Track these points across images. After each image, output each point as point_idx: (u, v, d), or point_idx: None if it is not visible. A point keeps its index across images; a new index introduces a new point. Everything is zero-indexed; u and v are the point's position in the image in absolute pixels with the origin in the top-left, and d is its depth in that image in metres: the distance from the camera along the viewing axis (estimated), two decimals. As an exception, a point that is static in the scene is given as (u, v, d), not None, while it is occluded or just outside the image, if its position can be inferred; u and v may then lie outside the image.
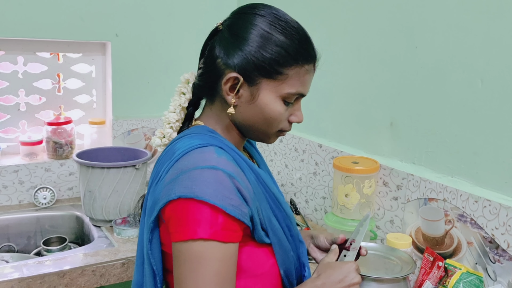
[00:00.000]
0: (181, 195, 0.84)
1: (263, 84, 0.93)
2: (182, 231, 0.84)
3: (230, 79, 0.93)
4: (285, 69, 0.92)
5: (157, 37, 2.29)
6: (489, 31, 1.30)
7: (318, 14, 1.90)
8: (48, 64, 2.19)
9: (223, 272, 0.85)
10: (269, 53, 0.91)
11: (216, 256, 0.84)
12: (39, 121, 2.22)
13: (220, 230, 0.84)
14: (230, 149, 0.94)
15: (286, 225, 0.99)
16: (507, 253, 1.26)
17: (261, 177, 0.96)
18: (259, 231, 0.91)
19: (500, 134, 1.29)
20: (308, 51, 0.95)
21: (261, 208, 0.92)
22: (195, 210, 0.83)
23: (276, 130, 0.98)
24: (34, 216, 2.03)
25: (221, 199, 0.83)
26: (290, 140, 2.06)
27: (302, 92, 0.96)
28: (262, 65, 0.91)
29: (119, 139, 2.29)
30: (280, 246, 0.96)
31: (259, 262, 0.94)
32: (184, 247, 0.85)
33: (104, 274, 1.61)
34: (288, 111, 0.97)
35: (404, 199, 1.55)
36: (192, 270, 0.83)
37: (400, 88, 1.58)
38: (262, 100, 0.94)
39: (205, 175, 0.85)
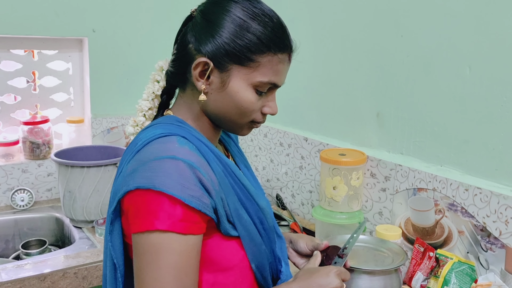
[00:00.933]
0: (139, 186, 0.82)
1: (234, 71, 0.90)
2: (140, 222, 0.82)
3: (199, 64, 0.91)
4: (257, 56, 0.89)
5: (136, 32, 2.24)
6: (476, 17, 1.29)
7: (303, 5, 1.87)
8: (22, 61, 2.12)
9: (182, 265, 0.82)
10: (241, 39, 0.89)
11: (174, 248, 0.81)
12: (15, 121, 2.15)
13: (178, 221, 0.81)
14: (196, 139, 0.91)
15: (258, 218, 0.96)
16: (499, 241, 1.24)
17: (230, 168, 0.93)
18: (225, 223, 0.89)
19: (490, 121, 1.28)
20: (282, 40, 0.92)
21: (228, 200, 0.89)
22: (153, 201, 0.81)
23: (248, 120, 0.95)
24: (12, 219, 1.97)
25: (180, 190, 0.81)
26: (275, 135, 2.03)
27: (275, 81, 0.92)
28: (233, 51, 0.89)
29: (99, 137, 2.23)
30: (250, 240, 0.93)
31: (227, 255, 0.91)
32: (142, 239, 0.83)
33: (86, 276, 1.56)
34: (261, 101, 0.94)
35: (393, 190, 1.53)
36: (150, 262, 0.82)
37: (386, 78, 1.56)
38: (233, 87, 0.91)
39: (164, 166, 0.82)
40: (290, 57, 0.95)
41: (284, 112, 2.01)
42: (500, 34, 1.24)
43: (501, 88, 1.25)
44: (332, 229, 1.57)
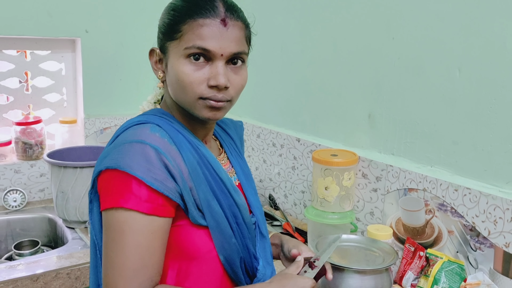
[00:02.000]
0: (108, 166, 0.87)
1: (169, 49, 0.95)
2: (107, 200, 0.87)
3: (151, 53, 1.00)
4: (179, 26, 0.93)
5: (129, 33, 2.25)
6: (465, 21, 1.31)
7: (295, 7, 1.88)
8: (15, 62, 2.12)
9: (145, 244, 0.86)
10: (167, 17, 0.96)
11: (138, 227, 0.86)
12: (7, 121, 2.15)
13: (143, 201, 0.86)
14: (172, 129, 0.95)
15: (231, 212, 0.98)
16: (488, 241, 1.26)
17: (207, 160, 0.96)
18: (193, 210, 0.92)
19: (479, 122, 1.30)
20: (200, 5, 0.93)
21: (197, 189, 0.92)
22: (120, 180, 0.86)
23: (194, 96, 0.92)
24: (4, 220, 1.97)
25: (144, 172, 0.85)
26: (268, 135, 2.04)
27: (200, 45, 0.90)
28: (163, 30, 0.97)
29: (92, 138, 2.23)
30: (219, 231, 0.95)
31: (196, 244, 0.94)
32: (109, 216, 0.87)
33: (79, 277, 1.56)
34: (203, 73, 0.92)
35: (384, 190, 1.54)
36: (115, 239, 0.86)
37: (378, 80, 1.57)
38: (171, 64, 0.94)
39: (132, 149, 0.87)
40: (227, 24, 0.92)
41: (277, 113, 2.03)
42: (489, 37, 1.26)
43: (490, 90, 1.26)
44: (324, 229, 1.59)
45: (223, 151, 1.11)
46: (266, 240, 1.08)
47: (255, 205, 1.08)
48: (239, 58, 0.95)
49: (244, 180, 1.09)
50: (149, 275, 0.86)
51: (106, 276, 0.86)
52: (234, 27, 0.93)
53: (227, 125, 1.18)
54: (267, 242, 1.09)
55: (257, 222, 1.07)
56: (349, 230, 1.59)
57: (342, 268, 1.25)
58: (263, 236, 1.07)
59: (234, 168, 1.10)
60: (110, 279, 0.85)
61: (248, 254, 1.02)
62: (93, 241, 0.97)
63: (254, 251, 1.03)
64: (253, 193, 1.11)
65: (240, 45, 0.94)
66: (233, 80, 0.94)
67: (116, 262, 0.85)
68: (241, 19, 0.95)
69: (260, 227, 1.07)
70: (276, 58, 2.00)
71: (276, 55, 1.99)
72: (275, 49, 1.99)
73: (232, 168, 1.09)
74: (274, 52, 2.00)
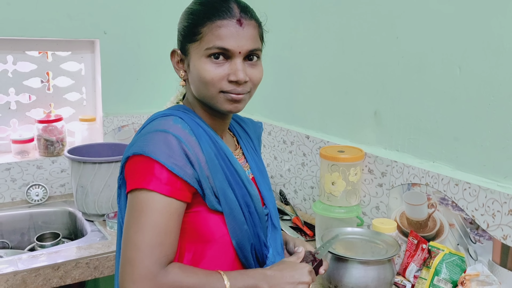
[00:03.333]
0: (134, 152, 0.96)
1: (191, 50, 1.03)
2: (132, 182, 0.96)
3: (173, 54, 1.08)
4: (198, 28, 1.01)
5: (146, 34, 2.32)
6: (466, 21, 1.35)
7: (302, 8, 1.94)
8: (37, 62, 2.21)
9: (163, 224, 0.93)
10: (186, 21, 1.04)
11: (156, 207, 0.93)
12: (30, 119, 2.24)
13: (163, 184, 0.93)
14: (194, 122, 1.03)
15: (244, 202, 1.05)
16: (487, 233, 1.31)
17: (223, 152, 1.04)
18: (210, 196, 0.99)
19: (478, 119, 1.34)
20: (217, 8, 1.00)
21: (214, 177, 1.00)
22: (143, 164, 0.95)
23: (217, 90, 1.01)
24: (27, 213, 2.06)
25: (165, 157, 0.93)
26: (279, 133, 2.10)
27: (220, 45, 0.98)
28: (183, 33, 1.04)
29: (110, 135, 2.31)
30: (232, 217, 1.02)
31: (210, 228, 1.01)
32: (131, 197, 0.95)
33: (98, 267, 1.65)
34: (223, 69, 1.00)
35: (389, 185, 1.59)
36: (135, 217, 0.93)
37: (383, 78, 1.62)
38: (193, 63, 1.02)
39: (155, 137, 0.96)
40: (242, 24, 1.00)
41: (287, 110, 2.09)
42: (488, 37, 1.30)
43: (489, 88, 1.31)
44: (331, 222, 1.64)
45: (239, 147, 1.19)
46: (278, 231, 1.16)
47: (269, 199, 1.16)
48: (254, 54, 1.03)
49: (258, 175, 1.17)
50: (165, 253, 0.93)
51: (125, 251, 0.93)
52: (249, 26, 1.01)
53: (247, 124, 1.26)
54: (279, 233, 1.16)
55: (270, 214, 1.15)
56: (356, 224, 1.65)
57: (346, 259, 1.31)
58: (275, 227, 1.15)
59: (248, 163, 1.17)
60: (128, 254, 0.92)
61: (259, 242, 1.09)
62: (120, 225, 1.06)
63: (264, 239, 1.10)
64: (267, 188, 1.18)
65: (255, 42, 1.02)
66: (251, 74, 1.02)
67: (134, 238, 0.92)
68: (254, 19, 1.04)
69: (273, 219, 1.15)
70: (286, 59, 2.06)
71: (286, 55, 2.05)
72: (285, 49, 2.05)
73: (246, 163, 1.17)
74: (284, 52, 2.06)
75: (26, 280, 1.53)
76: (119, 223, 1.06)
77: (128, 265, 0.91)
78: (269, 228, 1.13)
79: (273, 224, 1.14)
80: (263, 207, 1.13)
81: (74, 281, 1.62)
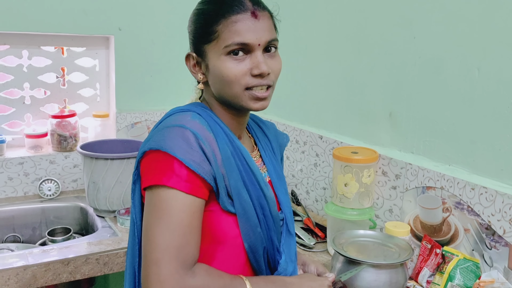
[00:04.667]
0: (151, 147, 0.94)
1: (207, 51, 1.00)
2: (150, 177, 0.93)
3: (188, 58, 1.06)
4: (214, 27, 0.98)
5: (160, 31, 2.32)
6: (485, 20, 1.32)
7: (318, 7, 1.92)
8: (52, 58, 2.22)
9: (187, 222, 0.91)
10: (198, 22, 1.02)
11: (179, 206, 0.91)
12: (44, 114, 2.25)
13: (183, 181, 0.91)
14: (211, 119, 1.01)
15: (259, 204, 1.03)
16: (503, 239, 1.28)
17: (240, 151, 1.02)
18: (223, 196, 0.97)
19: (496, 122, 1.31)
20: (228, 4, 0.99)
21: (229, 176, 0.97)
22: (162, 160, 0.92)
23: (241, 88, 0.99)
24: (39, 208, 2.07)
25: (183, 153, 0.91)
26: (291, 132, 2.08)
27: (239, 40, 0.97)
28: (197, 35, 1.02)
29: (123, 132, 2.32)
30: (246, 219, 1.00)
31: (223, 229, 0.99)
32: (151, 193, 0.93)
33: (107, 263, 1.64)
34: (245, 65, 0.99)
35: (403, 188, 1.57)
36: (159, 217, 0.91)
37: (399, 79, 1.59)
38: (212, 64, 1.00)
39: (173, 132, 0.94)
40: (257, 16, 0.99)
41: (300, 110, 2.07)
42: (508, 37, 1.27)
43: (508, 90, 1.27)
44: (344, 225, 1.62)
45: (256, 149, 1.16)
46: (293, 238, 1.13)
47: (285, 203, 1.13)
48: (272, 45, 1.02)
49: (275, 178, 1.14)
50: (192, 253, 0.92)
51: (149, 253, 0.89)
52: (264, 18, 1.00)
53: (267, 127, 1.24)
54: (293, 240, 1.13)
55: (285, 219, 1.12)
56: (368, 226, 1.62)
57: (357, 262, 1.29)
58: (290, 233, 1.12)
59: (266, 166, 1.15)
60: (153, 254, 0.88)
61: (272, 246, 1.06)
62: (133, 220, 1.04)
63: (278, 244, 1.07)
64: (284, 192, 1.15)
65: (272, 33, 1.01)
66: (272, 66, 1.01)
67: (159, 238, 0.89)
68: (266, 9, 1.03)
69: (288, 224, 1.12)
70: (300, 58, 2.04)
71: (301, 54, 2.03)
72: (300, 48, 2.03)
73: (264, 166, 1.14)
74: (299, 51, 2.04)
75: (36, 275, 1.53)
76: (132, 218, 1.04)
77: (154, 266, 0.88)
78: (284, 234, 1.10)
79: (288, 230, 1.11)
80: (278, 211, 1.10)
81: (83, 276, 1.62)
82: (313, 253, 1.68)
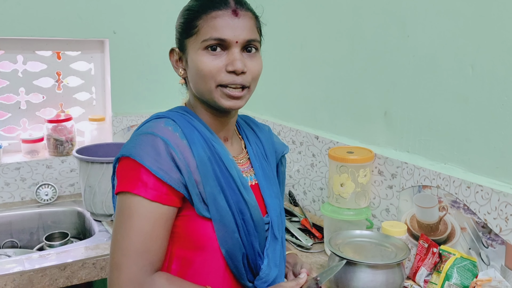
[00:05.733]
0: (123, 154, 0.96)
1: (188, 45, 1.02)
2: (119, 184, 0.95)
3: (171, 53, 1.07)
4: (194, 22, 1.00)
5: (155, 34, 2.32)
6: (478, 18, 1.31)
7: (312, 7, 1.92)
8: (47, 62, 2.22)
9: (149, 229, 0.92)
10: (183, 17, 1.04)
11: (142, 212, 0.92)
12: (40, 119, 2.25)
13: (149, 189, 0.92)
14: (189, 125, 1.01)
15: (238, 209, 1.01)
16: (500, 237, 1.27)
17: (219, 156, 1.01)
18: (198, 202, 0.97)
19: (491, 120, 1.30)
20: (211, 0, 1.00)
21: (204, 182, 0.97)
22: (130, 167, 0.94)
23: (214, 84, 0.99)
24: (36, 212, 2.06)
25: (151, 161, 0.92)
26: (288, 133, 2.08)
27: (216, 36, 0.97)
28: (180, 29, 1.04)
29: (119, 135, 2.31)
30: (222, 225, 0.99)
31: (199, 234, 0.99)
32: (120, 199, 0.95)
33: (104, 267, 1.64)
34: (221, 61, 0.98)
35: (399, 187, 1.56)
36: (122, 222, 0.93)
37: (394, 78, 1.59)
38: (190, 58, 1.01)
39: (143, 140, 0.96)
40: (238, 14, 0.99)
41: (296, 110, 2.07)
42: (501, 35, 1.26)
43: (502, 88, 1.27)
44: (340, 225, 1.61)
45: (245, 151, 1.15)
46: (278, 242, 1.10)
47: (272, 207, 1.11)
48: (252, 46, 1.01)
49: (264, 182, 1.12)
50: (151, 260, 0.92)
51: (112, 256, 0.93)
52: (245, 17, 1.00)
53: (261, 129, 1.22)
54: (279, 244, 1.10)
55: (271, 223, 1.09)
56: (365, 226, 1.62)
57: (354, 263, 1.29)
58: (275, 238, 1.09)
59: (254, 168, 1.12)
60: (115, 259, 0.92)
61: (253, 251, 1.04)
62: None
63: (259, 249, 1.06)
64: (273, 195, 1.13)
65: (253, 33, 1.01)
66: (249, 66, 1.00)
67: (121, 243, 0.92)
68: (250, 10, 1.03)
69: (274, 228, 1.09)
70: (296, 58, 2.03)
71: (296, 54, 2.03)
72: (295, 48, 2.02)
73: (251, 168, 1.12)
74: (294, 51, 2.03)
75: (32, 280, 1.53)
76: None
77: (115, 270, 0.91)
78: (269, 238, 1.08)
79: (274, 234, 1.09)
80: (264, 215, 1.08)
81: (80, 281, 1.61)
82: (310, 254, 1.67)
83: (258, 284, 1.05)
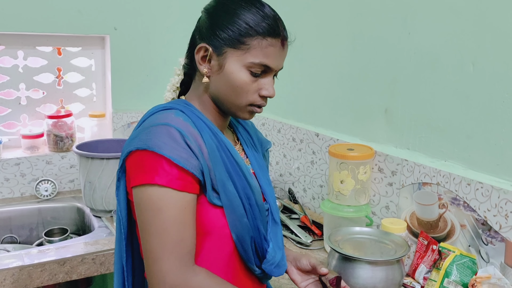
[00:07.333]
0: (137, 147, 0.95)
1: (229, 54, 1.00)
2: (141, 176, 0.94)
3: (200, 49, 1.03)
4: (247, 39, 0.99)
5: (156, 30, 2.31)
6: (479, 15, 1.31)
7: (313, 5, 1.91)
8: (48, 58, 2.22)
9: (181, 219, 0.94)
10: (232, 25, 1.00)
11: (173, 203, 0.93)
12: (40, 115, 2.25)
13: (175, 179, 0.93)
14: (194, 116, 1.03)
15: (245, 194, 1.04)
16: (499, 235, 1.27)
17: (224, 144, 1.04)
18: (210, 191, 0.98)
19: (492, 117, 1.30)
20: (270, 25, 1.01)
21: (215, 170, 0.99)
22: (150, 159, 0.93)
23: (246, 102, 1.03)
24: (36, 208, 2.06)
25: (170, 151, 0.92)
26: (288, 130, 2.08)
27: (266, 63, 1.00)
28: (226, 36, 1.00)
29: (119, 131, 2.31)
30: (232, 210, 1.01)
31: (210, 220, 1.00)
32: (142, 192, 0.94)
33: (104, 262, 1.64)
34: (257, 84, 1.03)
35: (399, 184, 1.56)
36: (154, 216, 0.93)
37: (394, 75, 1.59)
38: (228, 68, 1.01)
39: (158, 130, 0.95)
40: (284, 45, 1.04)
41: (296, 108, 2.06)
42: (502, 32, 1.26)
43: (503, 85, 1.27)
44: (340, 222, 1.61)
45: (238, 143, 1.18)
46: (278, 226, 1.14)
47: (269, 194, 1.15)
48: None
49: (258, 170, 1.16)
50: (187, 248, 0.94)
51: (148, 252, 0.93)
52: (287, 47, 1.07)
53: (246, 123, 1.26)
54: (279, 228, 1.15)
55: (270, 209, 1.13)
56: (365, 223, 1.62)
57: (353, 259, 1.29)
58: (275, 222, 1.14)
59: (249, 158, 1.16)
60: (152, 254, 0.93)
61: (259, 235, 1.07)
62: (118, 216, 1.05)
63: (264, 233, 1.09)
64: (267, 183, 1.17)
65: None
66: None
67: (156, 236, 0.92)
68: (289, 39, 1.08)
69: (273, 213, 1.14)
70: (296, 55, 2.03)
71: (296, 52, 2.02)
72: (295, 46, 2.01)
73: (247, 158, 1.16)
74: (294, 49, 2.02)
75: (32, 275, 1.53)
76: (118, 215, 1.05)
77: (154, 264, 0.92)
78: (270, 223, 1.12)
79: (274, 218, 1.13)
80: (264, 202, 1.12)
81: (80, 276, 1.61)
82: (310, 250, 1.67)
83: (265, 267, 1.08)
